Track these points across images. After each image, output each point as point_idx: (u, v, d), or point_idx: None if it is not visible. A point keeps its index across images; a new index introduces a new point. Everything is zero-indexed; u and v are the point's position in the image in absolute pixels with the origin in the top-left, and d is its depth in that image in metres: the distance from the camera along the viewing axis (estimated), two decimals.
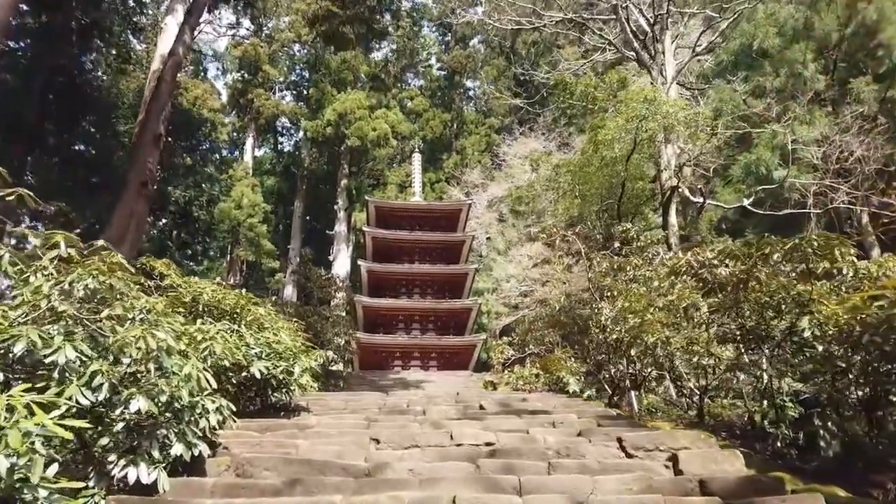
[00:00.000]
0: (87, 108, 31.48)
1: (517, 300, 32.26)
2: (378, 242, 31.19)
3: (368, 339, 28.08)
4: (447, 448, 6.58)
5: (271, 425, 7.76)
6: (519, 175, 34.60)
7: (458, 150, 44.46)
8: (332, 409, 9.29)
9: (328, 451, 6.25)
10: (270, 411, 9.13)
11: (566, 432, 7.31)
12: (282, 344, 8.77)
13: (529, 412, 8.67)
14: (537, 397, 10.18)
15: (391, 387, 20.02)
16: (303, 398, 10.15)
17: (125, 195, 20.27)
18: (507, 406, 9.30)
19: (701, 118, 18.27)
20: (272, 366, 8.36)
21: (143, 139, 20.95)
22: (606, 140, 18.85)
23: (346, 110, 39.88)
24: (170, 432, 5.31)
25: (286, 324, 10.17)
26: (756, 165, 18.95)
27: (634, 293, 10.69)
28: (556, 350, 19.42)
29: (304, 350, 9.65)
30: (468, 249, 32.23)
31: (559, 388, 17.15)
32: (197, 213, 32.37)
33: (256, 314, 8.99)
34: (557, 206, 21.83)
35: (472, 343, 29.37)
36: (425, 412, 8.74)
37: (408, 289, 31.74)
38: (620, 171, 20.33)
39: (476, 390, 14.67)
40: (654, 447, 6.17)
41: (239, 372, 8.31)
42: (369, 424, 7.72)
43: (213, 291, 8.83)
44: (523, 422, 7.88)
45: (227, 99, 44.77)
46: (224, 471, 5.81)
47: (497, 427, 7.51)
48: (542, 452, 6.16)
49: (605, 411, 8.94)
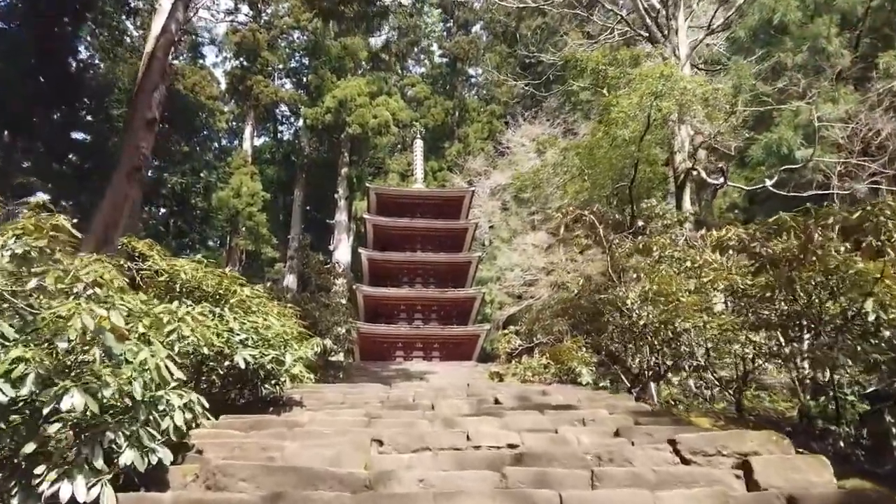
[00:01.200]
0: (79, 93, 30.27)
1: (521, 290, 31.13)
2: (379, 230, 30.00)
3: (369, 329, 26.95)
4: (464, 452, 5.43)
5: (257, 422, 6.61)
6: (523, 162, 33.36)
7: (460, 137, 43.15)
8: (329, 403, 8.13)
9: (320, 456, 5.09)
10: (259, 405, 7.99)
11: (601, 431, 6.15)
12: (271, 330, 7.62)
13: (552, 407, 7.51)
14: (557, 390, 9.05)
15: (394, 378, 18.87)
16: (297, 390, 8.99)
17: (116, 179, 19.13)
18: (526, 400, 8.14)
19: (721, 94, 17.02)
20: (259, 354, 7.20)
21: (135, 120, 19.77)
22: (620, 118, 17.62)
23: (347, 97, 38.65)
24: (118, 436, 4.15)
25: (278, 308, 9.02)
26: (777, 145, 17.68)
27: (664, 275, 9.52)
28: (566, 340, 18.32)
29: (298, 337, 8.51)
30: (471, 237, 31.04)
31: (570, 380, 16.08)
32: (194, 200, 31.16)
33: (242, 296, 7.81)
34: (567, 189, 20.57)
35: (476, 333, 28.21)
36: (434, 407, 7.59)
37: (410, 278, 30.57)
38: (633, 153, 19.11)
39: (485, 382, 13.52)
40: (716, 451, 5.01)
41: (222, 361, 7.18)
42: (370, 422, 6.57)
43: (192, 270, 7.65)
44: (548, 419, 6.73)
45: (226, 86, 43.46)
46: (191, 482, 4.66)
47: (519, 425, 6.36)
48: (580, 458, 5.00)
49: (637, 406, 7.78)
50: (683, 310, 8.66)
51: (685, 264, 9.70)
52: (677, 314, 8.64)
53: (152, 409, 4.52)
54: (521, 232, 34.09)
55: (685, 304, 8.70)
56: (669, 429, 6.09)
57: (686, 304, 8.66)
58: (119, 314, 4.33)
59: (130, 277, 7.84)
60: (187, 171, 30.32)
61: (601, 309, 15.52)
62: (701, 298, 8.82)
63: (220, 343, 6.81)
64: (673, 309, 8.72)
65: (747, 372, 9.28)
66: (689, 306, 8.68)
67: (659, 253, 10.52)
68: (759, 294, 8.31)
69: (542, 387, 10.14)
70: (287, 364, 7.54)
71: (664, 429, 6.09)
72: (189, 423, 5.09)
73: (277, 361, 7.42)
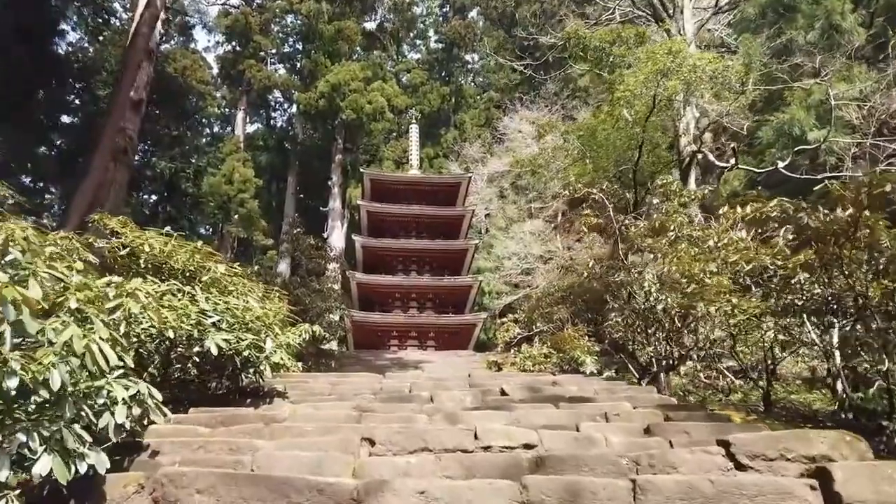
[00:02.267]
0: (65, 75, 29.05)
1: (519, 279, 30.23)
2: (374, 217, 28.96)
3: (363, 317, 26.00)
4: (472, 454, 4.49)
5: (230, 417, 5.67)
6: (520, 149, 32.38)
7: (456, 124, 42.05)
8: (315, 394, 7.17)
9: (299, 460, 4.15)
10: (237, 397, 7.04)
11: (629, 429, 5.23)
12: (250, 312, 6.67)
13: (567, 400, 6.59)
14: (568, 380, 8.11)
15: (388, 367, 17.89)
16: (280, 380, 8.05)
17: (98, 159, 18.09)
18: (536, 391, 7.20)
19: (731, 72, 16.06)
20: (235, 339, 6.24)
21: (119, 99, 18.68)
22: (625, 98, 16.66)
23: (341, 82, 37.50)
24: (31, 438, 3.18)
25: (261, 290, 8.06)
26: (789, 126, 16.78)
27: (684, 255, 8.59)
28: (567, 328, 17.46)
29: (282, 322, 7.56)
30: (468, 225, 30.04)
31: (573, 369, 15.25)
32: (184, 185, 29.99)
33: (216, 274, 6.82)
34: (568, 173, 19.59)
35: (473, 322, 27.29)
36: (433, 399, 6.65)
37: (405, 265, 29.57)
38: (637, 135, 18.18)
39: (486, 372, 12.58)
40: (779, 455, 4.10)
41: (191, 346, 6.22)
42: (361, 416, 5.62)
43: (158, 243, 6.67)
44: (565, 413, 5.81)
45: (218, 71, 42.18)
46: (133, 493, 3.70)
47: (532, 421, 5.44)
48: (613, 462, 4.07)
49: (661, 399, 6.85)
50: (707, 293, 7.74)
51: (707, 243, 8.75)
52: (702, 298, 7.71)
53: (84, 404, 3.56)
54: (519, 220, 33.17)
55: (709, 287, 7.78)
56: (708, 426, 5.18)
57: (710, 287, 7.74)
58: (38, 284, 3.36)
59: (101, 257, 6.86)
60: (176, 155, 29.12)
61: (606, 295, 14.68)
62: (727, 281, 7.90)
63: (188, 325, 5.86)
64: (697, 292, 7.79)
65: (776, 361, 8.40)
66: (713, 289, 7.76)
67: (675, 232, 9.59)
68: (792, 275, 7.41)
69: (551, 377, 9.20)
70: (267, 351, 6.58)
71: (702, 426, 5.18)
72: (138, 419, 4.15)
73: (256, 348, 6.46)
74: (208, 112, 40.41)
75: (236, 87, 42.59)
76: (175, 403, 7.19)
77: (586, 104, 32.02)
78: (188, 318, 5.89)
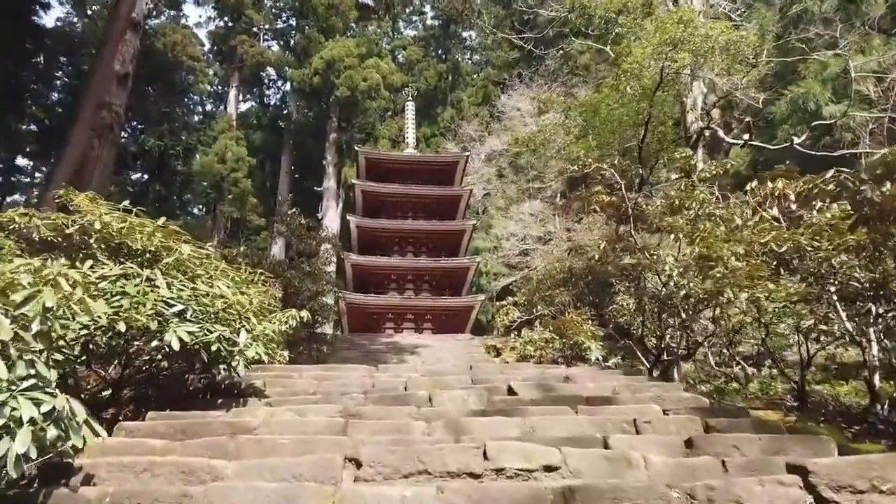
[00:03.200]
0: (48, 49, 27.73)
1: (517, 260, 29.32)
2: (369, 196, 27.89)
3: (358, 299, 25.06)
4: (482, 481, 3.59)
5: (191, 425, 4.74)
6: (519, 128, 31.26)
7: (453, 102, 40.76)
8: (297, 392, 6.23)
9: (262, 495, 3.22)
10: (208, 395, 6.13)
11: (668, 443, 4.33)
12: (221, 299, 5.71)
13: (585, 401, 5.67)
14: (582, 374, 7.17)
15: (383, 353, 17.04)
16: (261, 374, 7.14)
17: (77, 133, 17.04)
18: (548, 389, 6.28)
19: (745, 42, 15.00)
20: (202, 331, 5.30)
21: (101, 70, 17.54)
22: (633, 70, 15.60)
23: (335, 58, 36.16)
24: None
25: (239, 273, 7.10)
26: (804, 101, 15.77)
27: (710, 235, 7.65)
28: (568, 312, 16.60)
29: (263, 309, 6.62)
30: (465, 205, 28.99)
31: (575, 355, 14.43)
32: (174, 164, 28.81)
33: (181, 255, 5.84)
34: (571, 150, 18.54)
35: (470, 304, 26.37)
36: (432, 400, 5.73)
37: (401, 246, 28.57)
38: (644, 110, 17.16)
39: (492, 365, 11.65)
40: (870, 486, 3.21)
41: (149, 340, 5.28)
42: (347, 425, 4.70)
43: (112, 219, 5.68)
44: (587, 420, 4.89)
45: (209, 47, 40.76)
46: None
47: (550, 432, 4.54)
48: (663, 496, 3.17)
49: (694, 400, 5.91)
50: (739, 278, 6.82)
51: (733, 222, 7.81)
52: (734, 282, 6.78)
53: None
54: (518, 200, 32.16)
55: (740, 271, 6.86)
56: (761, 440, 4.28)
57: (742, 271, 6.81)
58: None
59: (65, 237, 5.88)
60: (165, 132, 27.89)
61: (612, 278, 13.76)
62: (760, 264, 6.98)
63: (143, 316, 4.92)
64: (726, 277, 6.86)
65: (811, 352, 7.51)
66: (744, 273, 6.84)
67: (696, 210, 8.64)
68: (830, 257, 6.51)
69: (562, 369, 8.24)
70: (241, 344, 5.63)
71: (753, 440, 4.28)
72: (53, 441, 3.20)
73: (227, 341, 5.52)
74: (200, 89, 39.05)
75: (229, 64, 41.18)
76: (140, 403, 6.30)
77: (586, 82, 30.85)
78: (144, 308, 4.95)
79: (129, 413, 5.92)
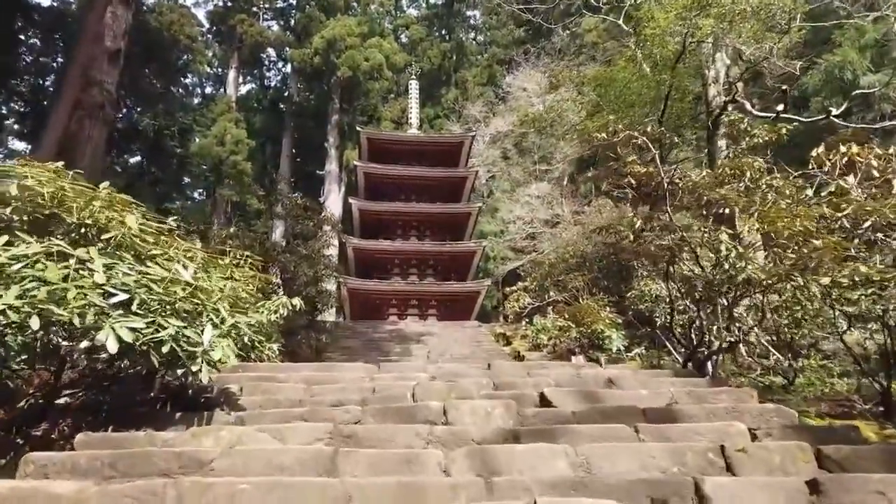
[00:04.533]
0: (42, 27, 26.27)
1: (523, 243, 27.99)
2: (371, 179, 26.49)
3: (360, 284, 23.78)
4: None
5: (124, 458, 3.43)
6: (525, 108, 29.75)
7: (457, 83, 39.14)
8: (279, 402, 4.89)
9: None
10: (166, 407, 4.83)
11: (783, 487, 3.02)
12: (180, 286, 4.40)
13: (643, 415, 4.37)
14: (627, 377, 5.79)
15: (386, 341, 15.78)
16: (241, 374, 5.86)
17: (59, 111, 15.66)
18: (591, 397, 4.95)
19: (778, 5, 13.52)
20: (152, 328, 4.00)
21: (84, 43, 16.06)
22: (655, 36, 14.15)
23: (336, 37, 34.62)
24: None
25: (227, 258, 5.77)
26: (840, 70, 14.31)
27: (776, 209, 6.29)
28: (582, 297, 15.34)
29: (238, 299, 5.30)
30: (471, 187, 27.58)
31: (593, 344, 13.17)
32: (169, 145, 27.41)
33: (128, 229, 4.50)
34: (586, 124, 17.10)
35: (476, 290, 25.04)
36: (447, 413, 4.41)
37: (404, 230, 27.22)
38: (663, 83, 15.73)
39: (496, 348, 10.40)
40: None
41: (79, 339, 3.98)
42: (335, 455, 3.39)
43: (38, 183, 4.34)
44: (659, 449, 3.58)
45: (208, 27, 39.16)
46: None
47: (611, 465, 3.25)
48: None
49: (777, 411, 4.54)
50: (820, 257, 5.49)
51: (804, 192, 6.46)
52: (816, 263, 5.45)
53: None
54: (524, 182, 30.76)
55: (821, 251, 5.52)
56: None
57: (824, 250, 5.48)
58: None
59: None
60: (160, 112, 26.47)
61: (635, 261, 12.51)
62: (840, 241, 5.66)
63: (67, 309, 3.63)
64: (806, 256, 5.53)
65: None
66: (827, 253, 5.51)
67: (748, 179, 7.25)
68: None
69: (598, 369, 6.85)
70: (205, 343, 4.32)
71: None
72: None
73: (187, 339, 4.21)
74: (198, 69, 37.53)
75: (228, 45, 39.62)
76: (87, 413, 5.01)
77: (594, 59, 29.31)
78: (68, 297, 3.65)
79: (65, 428, 4.64)
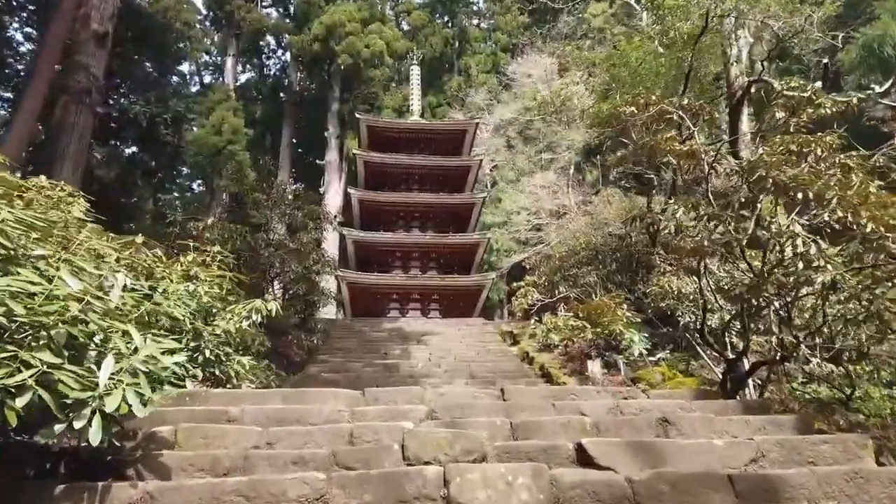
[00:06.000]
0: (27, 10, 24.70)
1: (528, 235, 26.51)
2: (372, 168, 25.00)
3: (359, 278, 22.35)
4: None
5: None
6: (530, 95, 28.17)
7: (461, 70, 37.48)
8: (216, 461, 3.41)
9: None
10: (59, 466, 3.40)
11: None
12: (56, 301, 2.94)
13: (729, 486, 2.92)
14: (678, 411, 4.31)
15: (385, 341, 14.36)
16: (184, 407, 4.41)
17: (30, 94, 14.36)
18: (647, 450, 3.48)
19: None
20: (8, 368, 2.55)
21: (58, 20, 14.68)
22: (679, 6, 12.61)
23: (336, 23, 32.99)
24: None
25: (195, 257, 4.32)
26: (879, 44, 12.74)
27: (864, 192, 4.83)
28: (596, 294, 13.96)
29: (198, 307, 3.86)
30: (475, 177, 26.07)
31: (610, 346, 11.81)
32: (162, 133, 25.93)
33: None
34: (601, 107, 15.56)
35: (480, 283, 23.59)
36: (449, 486, 2.95)
37: (406, 221, 25.75)
38: (685, 60, 14.20)
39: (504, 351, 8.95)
40: None
41: None
42: None
43: None
44: None
45: (206, 13, 37.55)
46: None
47: None
48: None
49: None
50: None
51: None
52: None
53: None
54: (529, 172, 29.20)
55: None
56: None
57: None
58: None
59: None
60: (152, 98, 25.01)
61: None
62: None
63: None
64: None
65: None
66: None
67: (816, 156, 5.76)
68: None
69: (649, 401, 5.24)
70: (100, 386, 2.87)
71: None
72: None
73: (61, 384, 2.76)
74: (195, 56, 36.00)
75: (226, 32, 38.03)
76: None
77: (601, 44, 27.68)
78: None
79: None
